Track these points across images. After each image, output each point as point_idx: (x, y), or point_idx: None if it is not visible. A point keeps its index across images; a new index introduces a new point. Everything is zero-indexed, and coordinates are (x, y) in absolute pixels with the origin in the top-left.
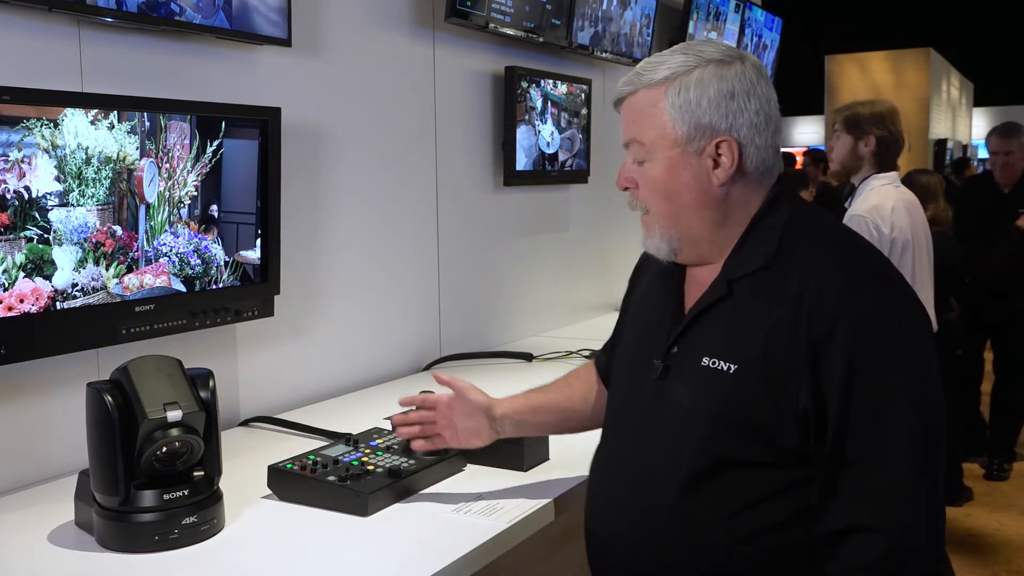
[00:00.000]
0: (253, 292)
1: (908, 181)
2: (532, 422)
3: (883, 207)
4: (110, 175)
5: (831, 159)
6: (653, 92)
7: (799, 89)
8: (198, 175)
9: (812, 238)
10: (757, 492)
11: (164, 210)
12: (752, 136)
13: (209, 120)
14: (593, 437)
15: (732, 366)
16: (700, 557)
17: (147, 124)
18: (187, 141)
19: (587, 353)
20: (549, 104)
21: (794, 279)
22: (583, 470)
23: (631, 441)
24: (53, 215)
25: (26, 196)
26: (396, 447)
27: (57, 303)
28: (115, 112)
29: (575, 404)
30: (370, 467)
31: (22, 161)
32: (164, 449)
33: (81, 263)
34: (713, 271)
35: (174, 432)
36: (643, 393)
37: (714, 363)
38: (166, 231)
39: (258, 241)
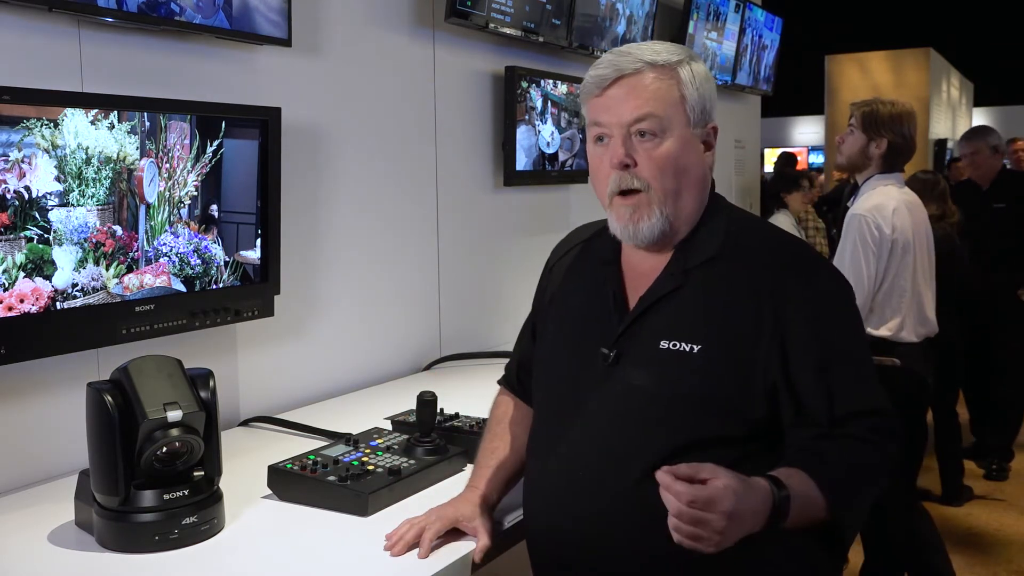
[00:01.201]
0: (253, 292)
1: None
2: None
3: (884, 207)
4: (110, 175)
5: (840, 152)
6: (667, 72)
7: (799, 89)
8: (198, 175)
9: (753, 232)
10: (724, 464)
11: (164, 210)
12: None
13: (209, 120)
14: None
15: (695, 346)
16: (663, 537)
17: (147, 124)
18: (187, 141)
19: None
20: (549, 104)
21: (746, 269)
22: None
23: (581, 428)
24: (53, 215)
25: (26, 196)
26: (396, 447)
27: (57, 303)
28: (115, 112)
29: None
30: (370, 467)
31: (22, 161)
32: (164, 449)
33: (81, 263)
34: (653, 260)
35: (174, 432)
36: (589, 380)
37: (674, 345)
38: (166, 231)
39: (258, 241)
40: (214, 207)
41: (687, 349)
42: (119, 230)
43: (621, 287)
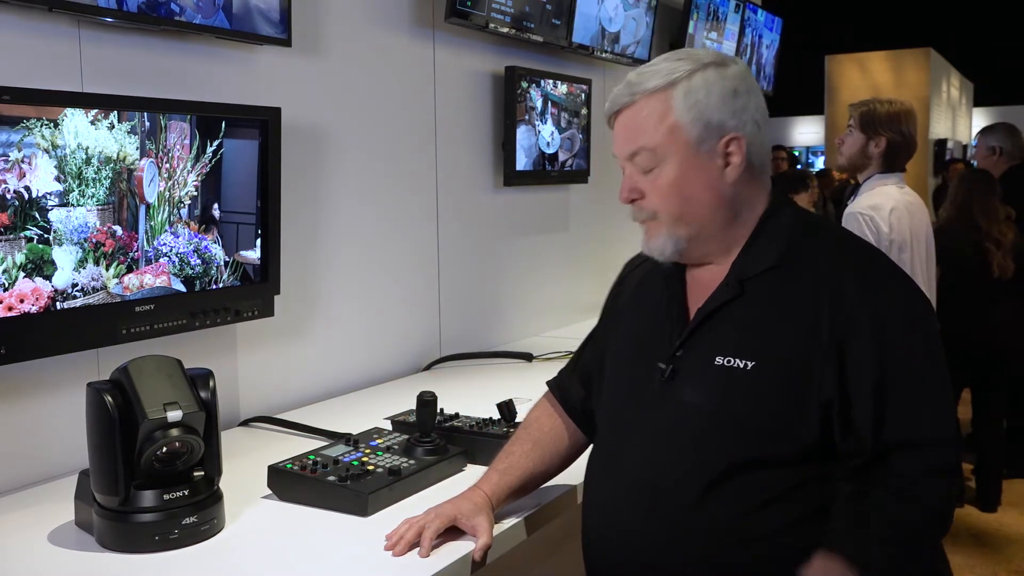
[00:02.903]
0: (253, 292)
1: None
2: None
3: (882, 207)
4: (110, 175)
5: (840, 153)
6: (656, 99)
7: (799, 89)
8: (198, 175)
9: (819, 239)
10: (776, 489)
11: (164, 210)
12: (756, 132)
13: (209, 120)
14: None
15: (749, 363)
16: (721, 555)
17: (147, 124)
18: (187, 141)
19: None
20: (549, 104)
21: (808, 277)
22: (583, 471)
23: (639, 445)
24: (53, 215)
25: (26, 196)
26: (396, 447)
27: (57, 303)
28: (115, 112)
29: (551, 466)
30: (370, 467)
31: (22, 161)
32: (164, 449)
33: (81, 263)
34: (715, 272)
35: (174, 432)
36: (647, 396)
37: (729, 361)
38: (166, 231)
39: (258, 241)
40: (214, 207)
41: (741, 365)
42: (119, 230)
43: (683, 301)
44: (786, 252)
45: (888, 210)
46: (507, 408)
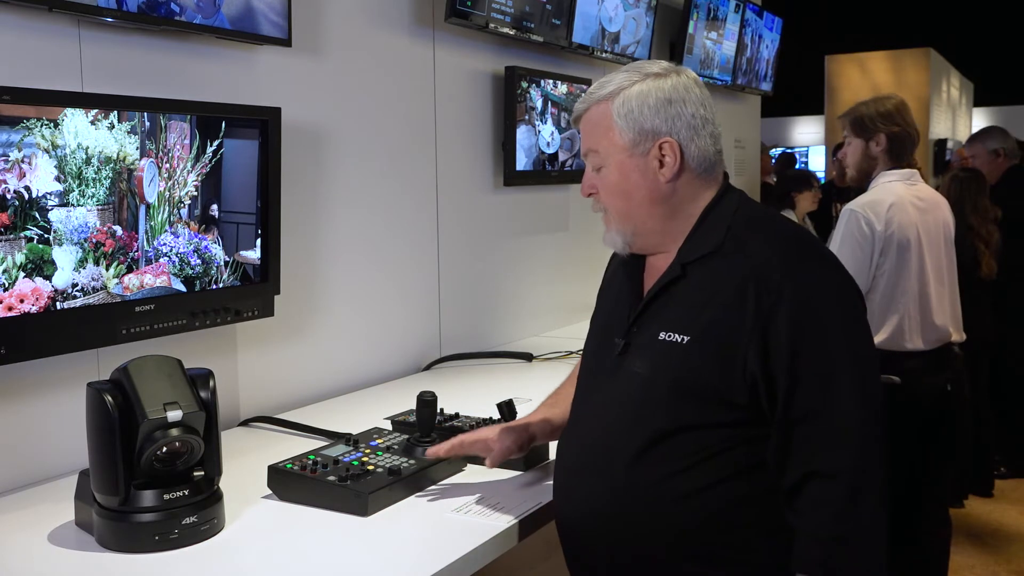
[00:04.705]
0: (253, 292)
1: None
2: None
3: (880, 203)
4: (110, 175)
5: (847, 166)
6: (602, 107)
7: (799, 89)
8: (198, 175)
9: (755, 225)
10: (708, 449)
11: (164, 210)
12: (691, 136)
13: (209, 120)
14: None
15: (685, 337)
16: (657, 513)
17: (147, 124)
18: (187, 141)
19: None
20: (549, 104)
21: (740, 260)
22: None
23: (594, 411)
24: (53, 215)
25: (26, 196)
26: (396, 447)
27: (57, 303)
28: (115, 112)
29: None
30: (370, 467)
31: (22, 161)
32: (164, 449)
33: (81, 263)
34: (667, 258)
35: (174, 432)
36: (605, 368)
37: (669, 336)
38: (166, 231)
39: (258, 241)
40: (214, 207)
41: (678, 340)
42: (119, 230)
43: (640, 284)
44: (724, 239)
45: (886, 205)
46: (507, 408)
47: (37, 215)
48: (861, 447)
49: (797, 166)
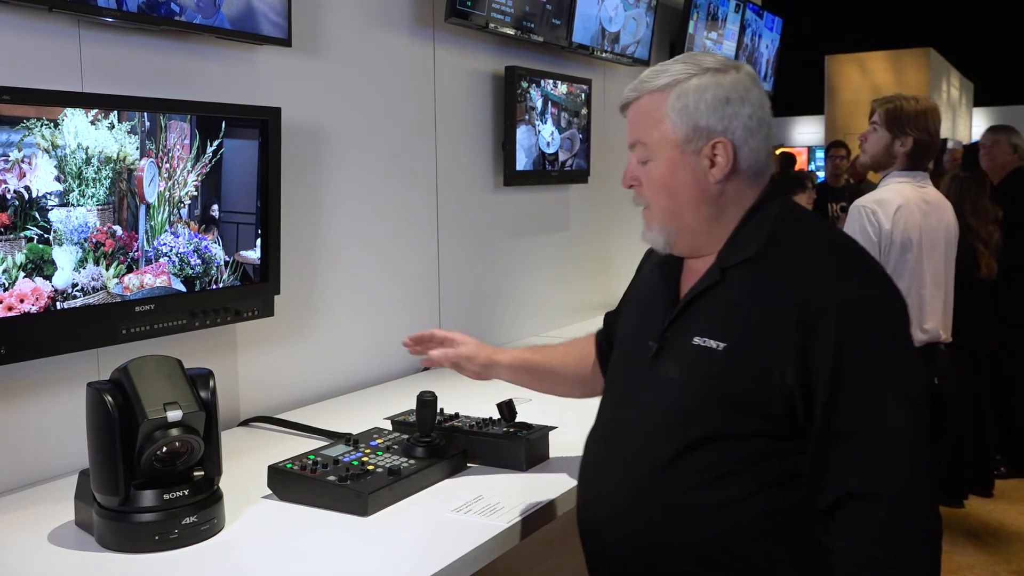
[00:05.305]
0: (253, 292)
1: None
2: (521, 378)
3: (888, 202)
4: (110, 175)
5: (863, 150)
6: (655, 97)
7: (799, 89)
8: (198, 175)
9: (799, 231)
10: (739, 460)
11: (164, 210)
12: (746, 138)
13: (209, 120)
14: None
15: (721, 344)
16: (683, 522)
17: (147, 124)
18: (187, 141)
19: None
20: (549, 104)
21: (782, 267)
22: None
23: (626, 414)
24: (53, 215)
25: (26, 196)
26: (396, 447)
27: (57, 303)
28: (115, 112)
29: (567, 371)
30: (370, 467)
31: (22, 161)
32: (164, 449)
33: (81, 263)
34: (706, 261)
35: (174, 432)
36: (638, 373)
37: (704, 342)
38: (166, 231)
39: (258, 241)
40: (214, 207)
41: (713, 346)
42: (119, 230)
43: (676, 286)
44: (766, 245)
45: (894, 207)
46: (507, 408)
47: (37, 215)
48: (905, 468)
49: (811, 167)
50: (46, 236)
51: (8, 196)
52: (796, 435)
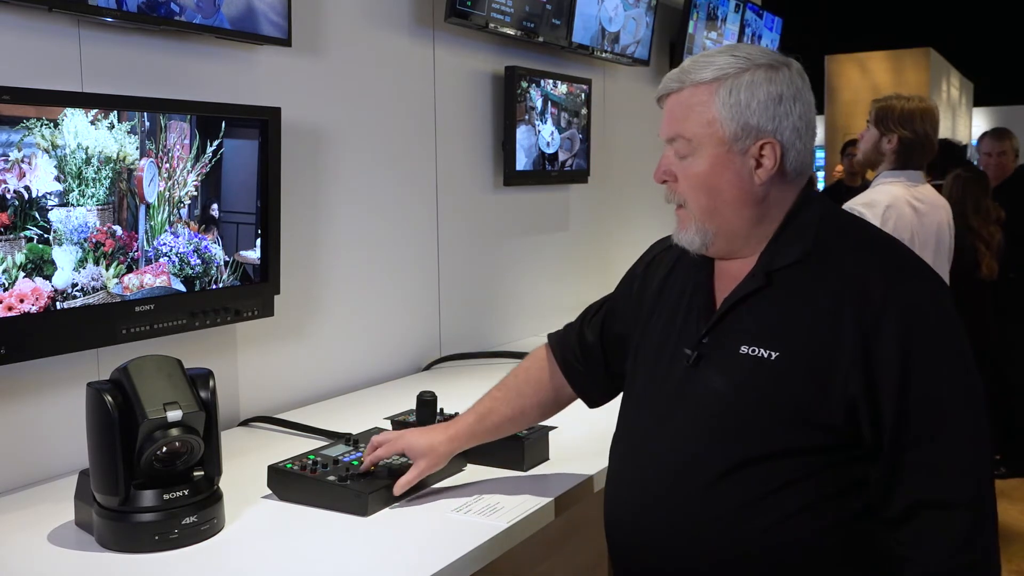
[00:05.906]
0: (253, 292)
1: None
2: (482, 440)
3: (876, 203)
4: (110, 175)
5: (859, 149)
6: (702, 90)
7: None
8: (198, 175)
9: (846, 234)
10: (795, 474)
11: (164, 210)
12: (794, 140)
13: (209, 120)
14: (593, 436)
15: (773, 353)
16: (735, 539)
17: (147, 124)
18: (187, 141)
19: None
20: (549, 104)
21: (833, 274)
22: (583, 469)
23: (661, 429)
24: (53, 215)
25: (26, 196)
26: None
27: (57, 303)
28: (115, 112)
29: (528, 414)
30: (370, 467)
31: (22, 161)
32: (164, 449)
33: (81, 263)
34: (744, 264)
35: (174, 432)
36: (671, 382)
37: (754, 351)
38: (166, 231)
39: (258, 241)
40: (214, 207)
41: (765, 356)
42: (119, 230)
43: (710, 289)
44: (813, 248)
45: (883, 207)
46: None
47: (37, 215)
48: (979, 474)
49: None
50: (46, 236)
51: (8, 196)
52: (855, 445)
